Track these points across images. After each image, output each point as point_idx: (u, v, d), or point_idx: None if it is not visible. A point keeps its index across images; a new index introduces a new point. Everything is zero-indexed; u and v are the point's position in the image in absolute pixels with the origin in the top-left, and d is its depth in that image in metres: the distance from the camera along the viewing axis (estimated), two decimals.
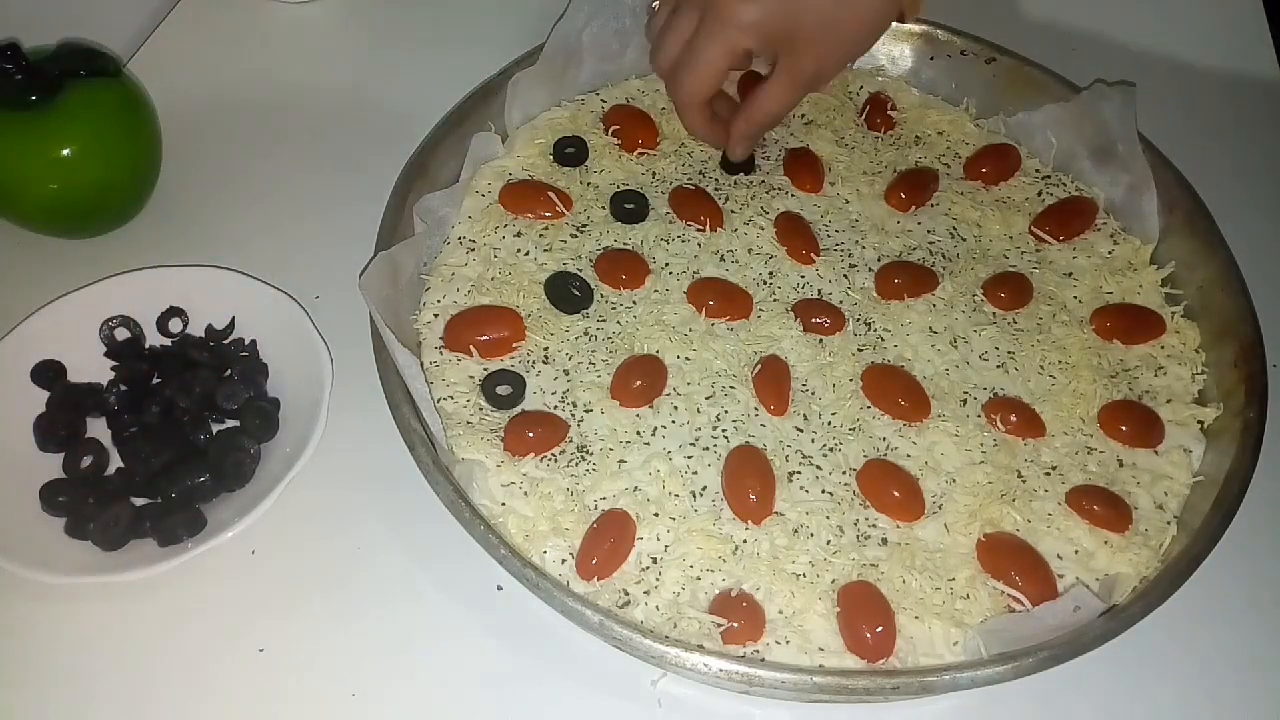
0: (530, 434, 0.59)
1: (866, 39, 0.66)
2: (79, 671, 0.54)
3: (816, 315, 0.66)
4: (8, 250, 0.69)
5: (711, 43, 0.63)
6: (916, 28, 0.79)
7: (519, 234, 0.69)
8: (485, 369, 0.62)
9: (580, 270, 0.67)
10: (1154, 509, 0.59)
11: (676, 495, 0.58)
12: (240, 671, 0.54)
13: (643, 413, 0.61)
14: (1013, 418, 0.62)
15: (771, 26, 0.62)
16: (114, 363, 0.62)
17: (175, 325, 0.64)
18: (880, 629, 0.53)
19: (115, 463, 0.60)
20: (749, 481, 0.58)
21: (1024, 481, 0.60)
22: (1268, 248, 0.72)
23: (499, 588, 0.57)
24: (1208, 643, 0.57)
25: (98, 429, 0.61)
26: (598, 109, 0.76)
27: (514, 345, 0.63)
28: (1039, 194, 0.74)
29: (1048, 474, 0.60)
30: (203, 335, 0.64)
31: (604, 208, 0.70)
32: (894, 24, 0.79)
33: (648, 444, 0.60)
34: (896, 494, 0.58)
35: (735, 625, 0.52)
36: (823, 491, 0.59)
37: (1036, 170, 0.76)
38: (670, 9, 0.67)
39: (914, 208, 0.72)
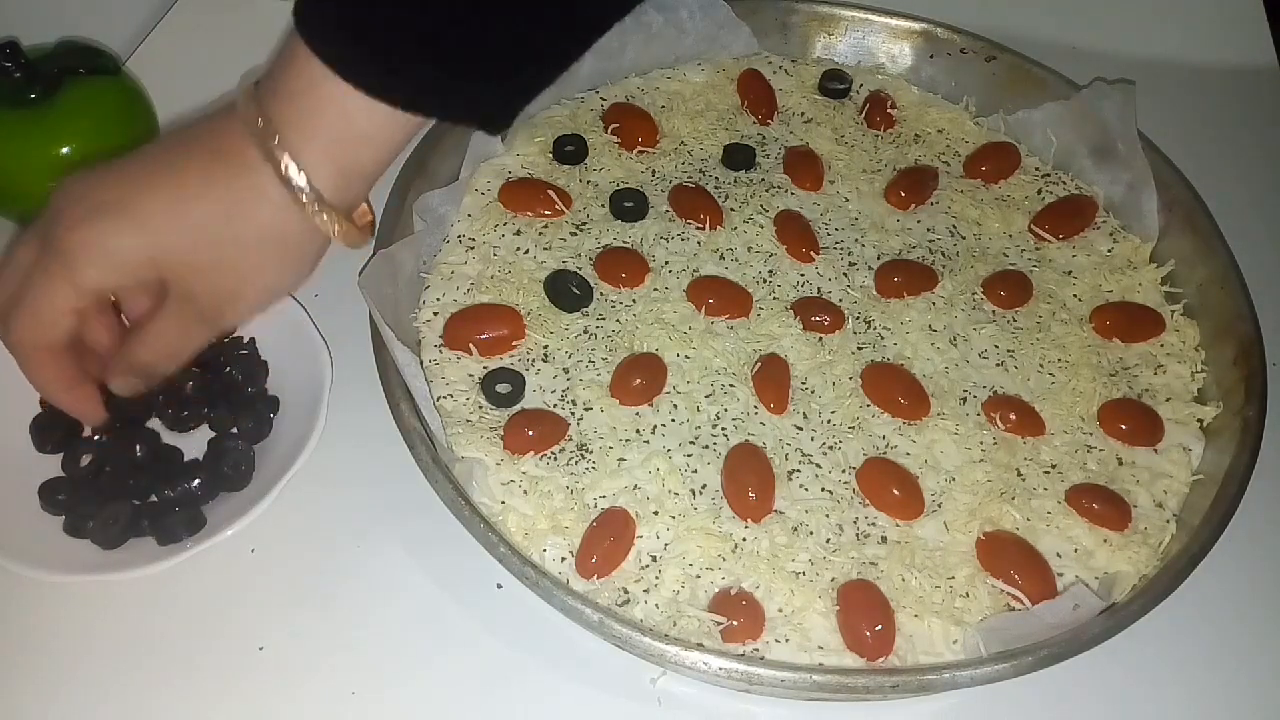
0: (530, 432, 0.59)
1: (283, 267, 0.50)
2: (78, 670, 0.54)
3: (816, 313, 0.66)
4: (7, 249, 0.69)
5: (48, 281, 0.48)
6: (916, 25, 0.79)
7: (518, 232, 0.69)
8: (485, 367, 0.62)
9: (580, 268, 0.67)
10: (1153, 507, 0.59)
11: (676, 493, 0.58)
12: (240, 670, 0.54)
13: (642, 411, 0.61)
14: (1012, 416, 0.62)
15: (132, 264, 0.47)
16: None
17: None
18: (880, 627, 0.53)
19: None
20: (748, 480, 0.58)
21: (1023, 480, 0.60)
22: (1267, 246, 0.72)
23: (499, 586, 0.57)
24: (1207, 641, 0.57)
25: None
26: (597, 107, 0.76)
27: (513, 343, 0.63)
28: (1039, 192, 0.74)
29: (1047, 472, 0.60)
30: None
31: (603, 206, 0.70)
32: (893, 21, 0.79)
33: (647, 442, 0.60)
34: (896, 492, 0.58)
35: (735, 623, 0.52)
36: (822, 490, 0.59)
37: (1036, 168, 0.76)
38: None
39: (914, 206, 0.72)
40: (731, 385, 0.62)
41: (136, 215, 0.47)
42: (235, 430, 0.60)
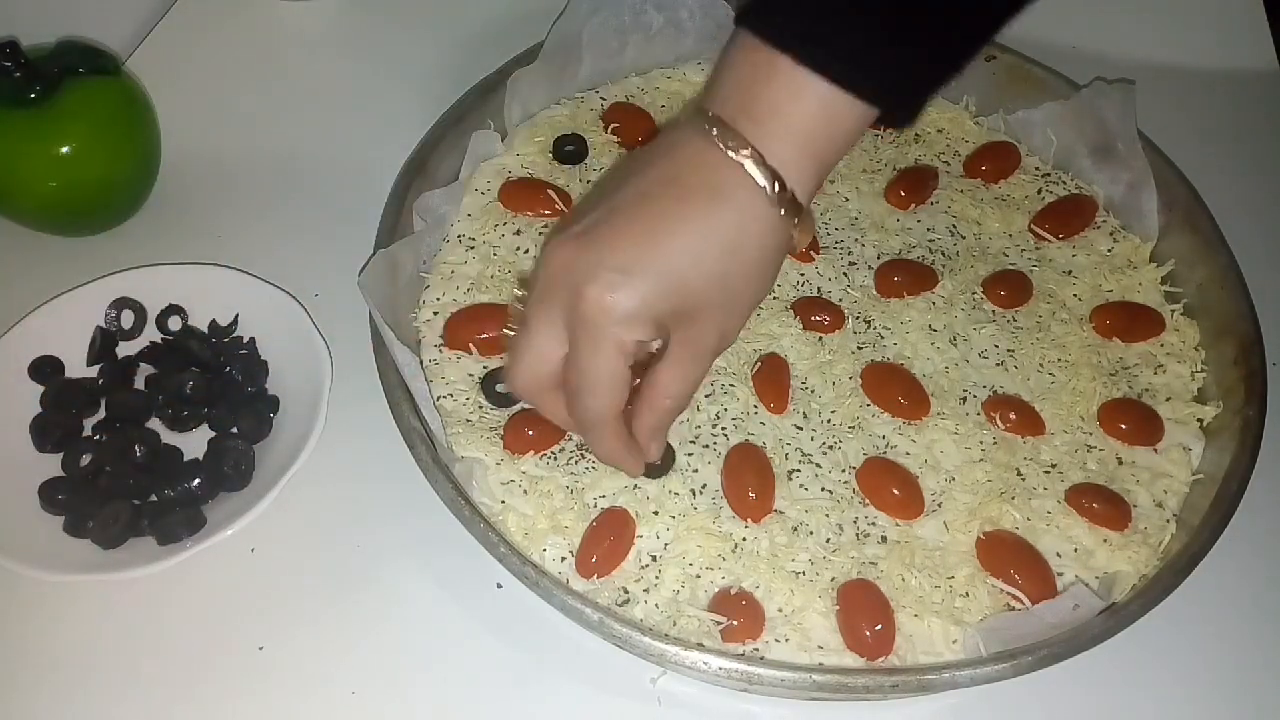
0: (530, 432, 0.59)
1: (763, 284, 0.50)
2: (78, 670, 0.54)
3: (816, 313, 0.66)
4: (7, 248, 0.69)
5: (595, 354, 0.48)
6: None
7: (518, 232, 0.69)
8: (485, 366, 0.62)
9: None
10: (1153, 507, 0.59)
11: (676, 493, 0.58)
12: (240, 669, 0.54)
13: None
14: (1012, 416, 0.62)
15: (657, 309, 0.47)
16: (100, 363, 0.63)
17: (174, 323, 0.64)
18: (879, 627, 0.53)
19: None
20: (748, 479, 0.58)
21: (1023, 479, 0.60)
22: (1267, 245, 0.72)
23: (499, 585, 0.57)
24: (1207, 640, 0.57)
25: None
26: (597, 106, 0.76)
27: None
28: (1039, 192, 0.74)
29: (1047, 472, 0.60)
30: (205, 330, 0.64)
31: None
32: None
33: None
34: (896, 492, 0.58)
35: (735, 623, 0.53)
36: (822, 489, 0.59)
37: (1036, 168, 0.76)
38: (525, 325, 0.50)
39: (914, 205, 0.72)
40: (731, 385, 0.62)
41: (659, 270, 0.47)
42: (235, 430, 0.60)
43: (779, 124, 0.46)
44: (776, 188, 0.46)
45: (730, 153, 0.46)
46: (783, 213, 0.47)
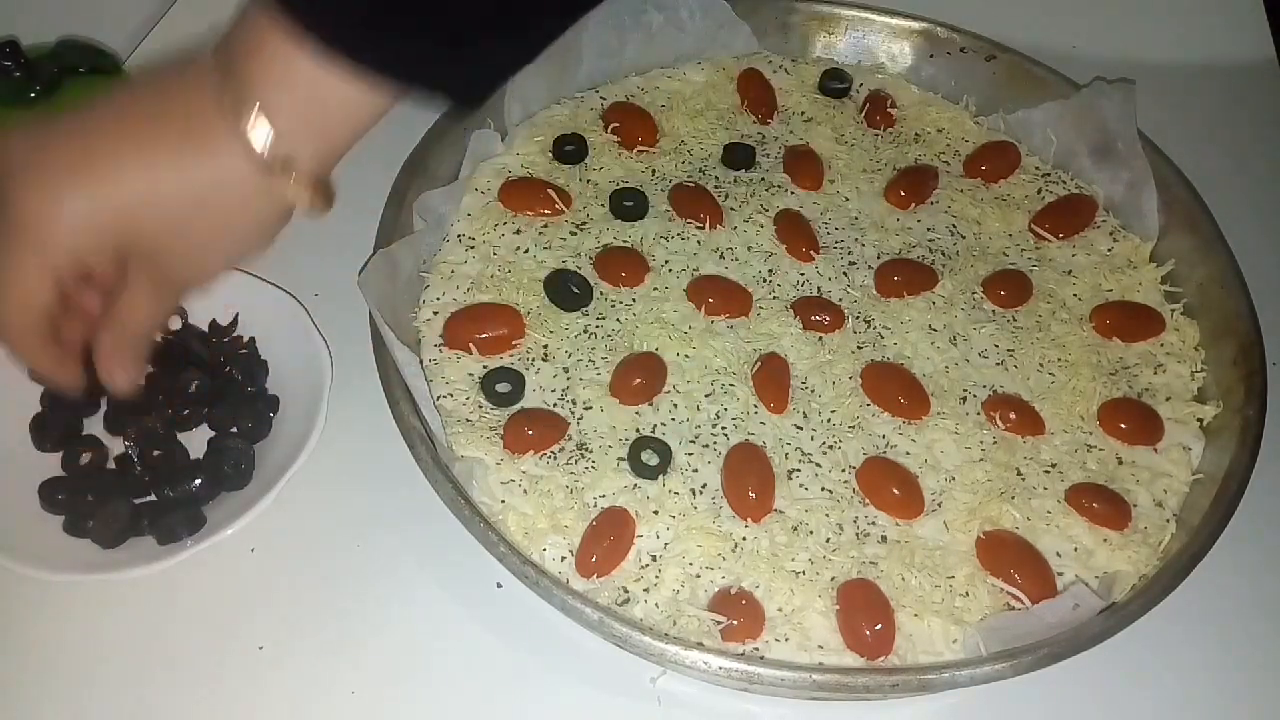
0: (530, 431, 0.59)
1: (244, 241, 0.49)
2: (78, 669, 0.54)
3: (816, 313, 0.66)
4: None
5: (15, 263, 0.45)
6: (916, 25, 0.79)
7: (518, 231, 0.69)
8: (485, 366, 0.62)
9: (580, 268, 0.67)
10: (1153, 506, 0.59)
11: (676, 493, 0.58)
12: (239, 669, 0.54)
13: (642, 410, 0.61)
14: (1012, 415, 0.62)
15: (96, 237, 0.45)
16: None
17: (174, 322, 0.64)
18: (879, 626, 0.53)
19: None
20: (748, 479, 0.58)
21: (1023, 479, 0.60)
22: (1267, 245, 0.72)
23: (499, 585, 0.57)
24: (1206, 640, 0.57)
25: (97, 426, 0.61)
26: (597, 106, 0.76)
27: (513, 343, 0.63)
28: (1038, 191, 0.74)
29: (1047, 472, 0.60)
30: (205, 330, 0.64)
31: (603, 205, 0.70)
32: (893, 21, 0.79)
33: None
34: (896, 492, 0.58)
35: (735, 622, 0.53)
36: (822, 489, 0.59)
37: (1036, 168, 0.76)
38: None
39: (914, 205, 0.72)
40: (731, 384, 0.62)
41: (106, 197, 0.44)
42: (235, 430, 0.60)
43: (282, 95, 0.44)
44: (269, 155, 0.44)
45: (226, 107, 0.44)
46: (280, 180, 0.45)
